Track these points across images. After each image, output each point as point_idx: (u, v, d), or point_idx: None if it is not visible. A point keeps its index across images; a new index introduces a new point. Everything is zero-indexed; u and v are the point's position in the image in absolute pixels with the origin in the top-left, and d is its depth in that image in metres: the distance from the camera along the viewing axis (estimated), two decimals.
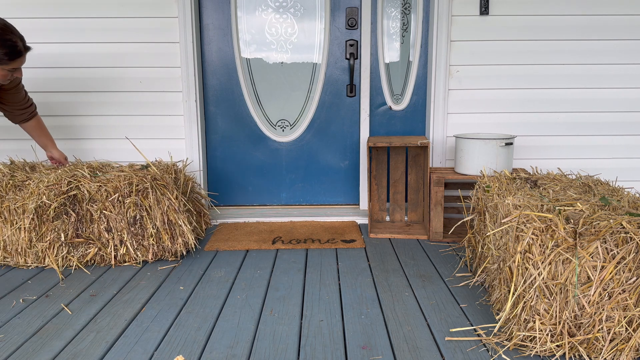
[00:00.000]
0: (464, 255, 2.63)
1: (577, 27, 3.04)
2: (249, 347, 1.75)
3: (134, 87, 3.13)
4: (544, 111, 3.15)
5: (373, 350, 1.72)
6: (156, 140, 3.20)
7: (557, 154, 3.20)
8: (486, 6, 3.00)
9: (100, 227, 2.49)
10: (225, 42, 3.23)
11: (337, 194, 3.45)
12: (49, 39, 3.05)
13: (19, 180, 2.57)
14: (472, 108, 3.14)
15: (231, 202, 3.46)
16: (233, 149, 3.37)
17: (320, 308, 2.04)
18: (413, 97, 3.29)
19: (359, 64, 3.24)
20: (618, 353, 1.62)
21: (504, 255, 1.89)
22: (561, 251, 1.62)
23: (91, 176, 2.57)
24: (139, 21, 3.04)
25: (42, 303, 2.11)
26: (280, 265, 2.52)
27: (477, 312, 1.99)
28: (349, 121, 3.33)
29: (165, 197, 2.52)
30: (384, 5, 3.18)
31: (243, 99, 3.30)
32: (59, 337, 1.83)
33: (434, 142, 3.17)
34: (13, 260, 2.53)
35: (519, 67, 3.09)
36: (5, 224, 2.50)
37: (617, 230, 1.61)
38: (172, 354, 1.71)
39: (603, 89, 3.12)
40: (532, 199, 1.97)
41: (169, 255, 2.58)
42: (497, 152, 2.75)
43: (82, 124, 3.17)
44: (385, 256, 2.63)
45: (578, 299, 1.62)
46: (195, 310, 2.03)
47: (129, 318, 1.97)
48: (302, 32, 3.22)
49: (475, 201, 2.41)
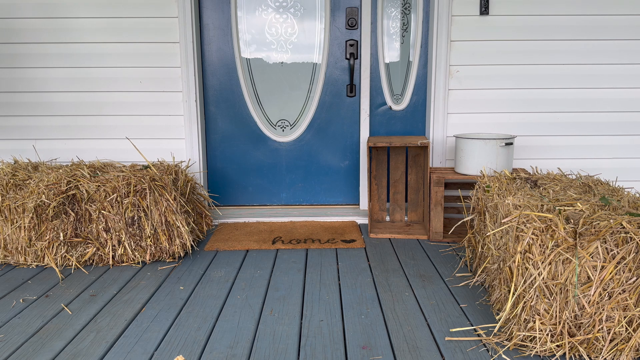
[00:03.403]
0: (464, 255, 2.62)
1: (577, 27, 3.04)
2: (249, 347, 1.75)
3: (134, 87, 3.13)
4: (544, 111, 3.15)
5: (373, 350, 1.72)
6: (156, 140, 3.20)
7: (557, 154, 3.20)
8: (486, 6, 3.00)
9: (99, 227, 2.49)
10: (225, 42, 3.23)
11: (337, 194, 3.44)
12: (49, 39, 3.05)
13: (19, 179, 2.57)
14: (472, 108, 3.14)
15: (231, 202, 3.45)
16: (233, 149, 3.37)
17: (320, 308, 2.04)
18: (413, 97, 3.29)
19: (359, 64, 3.24)
20: (618, 353, 1.62)
21: (504, 255, 1.89)
22: (561, 251, 1.62)
23: (91, 176, 2.57)
24: (139, 21, 3.04)
25: (42, 303, 2.11)
26: (280, 265, 2.52)
27: (477, 312, 1.99)
28: (349, 121, 3.33)
29: (164, 198, 2.52)
30: (384, 5, 3.18)
31: (243, 99, 3.30)
32: (59, 337, 1.83)
33: (434, 142, 3.17)
34: (13, 258, 2.54)
35: (519, 67, 3.09)
36: (6, 223, 2.50)
37: (617, 230, 1.61)
38: (172, 354, 1.71)
39: (603, 89, 3.12)
40: (532, 199, 1.97)
41: (167, 257, 2.58)
42: (497, 152, 2.75)
43: (83, 124, 3.17)
44: (385, 256, 2.63)
45: (578, 299, 1.62)
46: (195, 310, 2.03)
47: (129, 318, 1.97)
48: (302, 32, 3.22)
49: (475, 201, 2.41)
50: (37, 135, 3.18)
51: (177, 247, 2.56)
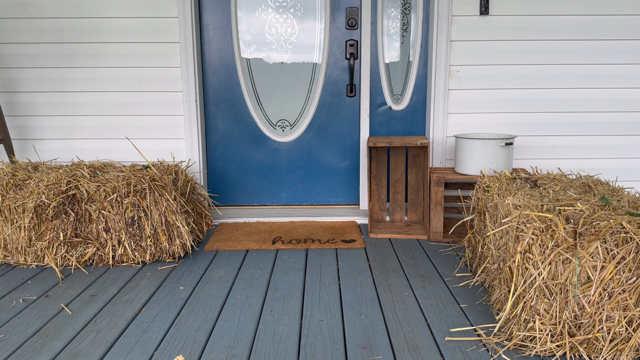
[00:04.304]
0: (464, 255, 2.62)
1: (577, 27, 3.04)
2: (249, 347, 1.75)
3: (134, 87, 3.13)
4: (544, 111, 3.14)
5: (373, 350, 1.72)
6: (156, 140, 3.20)
7: (557, 154, 3.20)
8: (486, 6, 3.00)
9: (99, 227, 2.49)
10: (225, 42, 3.23)
11: (337, 194, 3.44)
12: (50, 38, 3.05)
13: (19, 179, 2.57)
14: (472, 108, 3.14)
15: (231, 202, 3.45)
16: (233, 149, 3.37)
17: (320, 308, 2.04)
18: (413, 97, 3.29)
19: (359, 64, 3.23)
20: (618, 353, 1.62)
21: (504, 255, 1.89)
22: (561, 251, 1.62)
23: (91, 176, 2.57)
24: (139, 21, 3.04)
25: (42, 303, 2.11)
26: (280, 265, 2.52)
27: (477, 312, 1.99)
28: (349, 121, 3.33)
29: (164, 198, 2.52)
30: (384, 5, 3.18)
31: (243, 99, 3.30)
32: (59, 337, 1.83)
33: (434, 142, 3.17)
34: (13, 258, 2.54)
35: (519, 67, 3.09)
36: (6, 223, 2.50)
37: (617, 230, 1.61)
38: (172, 354, 1.71)
39: (603, 89, 3.12)
40: (532, 199, 1.97)
41: (167, 257, 2.58)
42: (497, 152, 2.75)
43: (83, 124, 3.16)
44: (385, 256, 2.63)
45: (578, 299, 1.62)
46: (195, 310, 2.03)
47: (129, 318, 1.97)
48: (302, 32, 3.22)
49: (475, 201, 2.41)
50: (37, 135, 3.18)
51: (177, 247, 2.56)
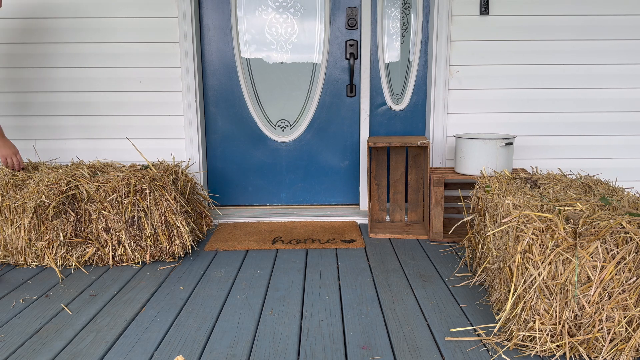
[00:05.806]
0: (464, 255, 2.62)
1: (577, 27, 3.04)
2: (249, 347, 1.75)
3: (133, 87, 3.12)
4: (544, 111, 3.14)
5: (373, 350, 1.72)
6: (156, 140, 3.20)
7: (557, 154, 3.20)
8: (486, 6, 3.00)
9: (99, 227, 2.49)
10: (225, 42, 3.23)
11: (337, 194, 3.44)
12: (49, 39, 3.05)
13: (19, 179, 2.57)
14: (472, 108, 3.14)
15: (231, 202, 3.45)
16: (233, 149, 3.37)
17: (320, 308, 2.04)
18: (413, 97, 3.29)
19: (359, 64, 3.23)
20: (618, 353, 1.62)
21: (504, 255, 1.89)
22: (561, 251, 1.62)
23: (91, 176, 2.57)
24: (139, 21, 3.04)
25: (42, 303, 2.11)
26: (280, 265, 2.52)
27: (477, 312, 1.99)
28: (349, 121, 3.33)
29: (164, 198, 2.52)
30: (384, 5, 3.18)
31: (243, 99, 3.30)
32: (59, 337, 1.83)
33: (434, 142, 3.17)
34: (13, 258, 2.54)
35: (519, 67, 3.09)
36: (6, 223, 2.50)
37: (617, 230, 1.61)
38: (172, 354, 1.71)
39: (603, 89, 3.12)
40: (532, 199, 1.97)
41: (167, 257, 2.58)
42: (497, 152, 2.75)
43: (83, 124, 3.17)
44: (385, 256, 2.63)
45: (578, 299, 1.62)
46: (195, 310, 2.03)
47: (129, 318, 1.97)
48: (302, 32, 3.22)
49: (475, 201, 2.41)
50: (37, 135, 3.18)
51: (177, 247, 2.56)
